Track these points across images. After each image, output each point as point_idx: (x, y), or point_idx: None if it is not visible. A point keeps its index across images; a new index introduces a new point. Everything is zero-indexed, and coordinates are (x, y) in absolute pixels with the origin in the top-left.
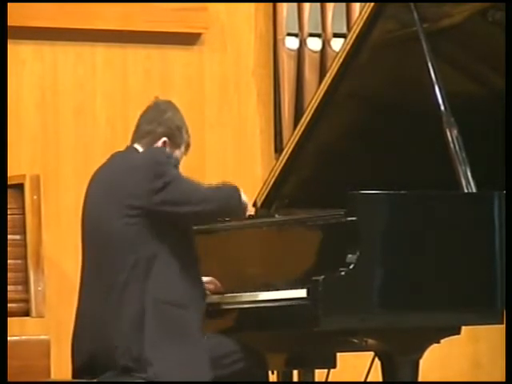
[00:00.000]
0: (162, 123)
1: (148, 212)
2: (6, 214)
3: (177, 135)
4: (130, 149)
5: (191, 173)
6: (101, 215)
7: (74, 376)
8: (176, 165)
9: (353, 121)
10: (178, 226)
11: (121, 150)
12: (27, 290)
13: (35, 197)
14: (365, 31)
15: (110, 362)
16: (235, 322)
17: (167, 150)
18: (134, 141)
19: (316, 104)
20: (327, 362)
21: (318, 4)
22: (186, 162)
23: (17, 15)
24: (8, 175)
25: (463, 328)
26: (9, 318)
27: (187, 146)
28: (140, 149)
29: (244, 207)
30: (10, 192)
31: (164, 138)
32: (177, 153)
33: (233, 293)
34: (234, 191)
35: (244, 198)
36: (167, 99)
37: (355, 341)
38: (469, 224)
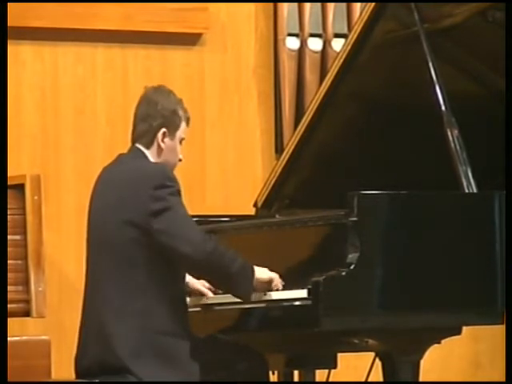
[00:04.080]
0: (156, 116)
1: (144, 232)
2: (7, 215)
3: (174, 119)
4: (135, 151)
5: (192, 173)
6: (103, 224)
7: (77, 376)
8: (178, 190)
9: (353, 121)
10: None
11: (124, 152)
12: (28, 291)
13: (36, 197)
14: (366, 31)
15: (106, 368)
16: (236, 322)
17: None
18: (134, 140)
19: (317, 104)
20: (328, 362)
21: (319, 4)
22: (187, 162)
23: (17, 15)
24: (8, 175)
25: (464, 328)
26: (9, 319)
27: (187, 120)
28: (143, 149)
29: (250, 286)
30: (10, 192)
31: (162, 130)
32: (178, 134)
33: None
34: (246, 263)
35: (261, 277)
36: (157, 86)
37: (356, 341)
38: (469, 224)
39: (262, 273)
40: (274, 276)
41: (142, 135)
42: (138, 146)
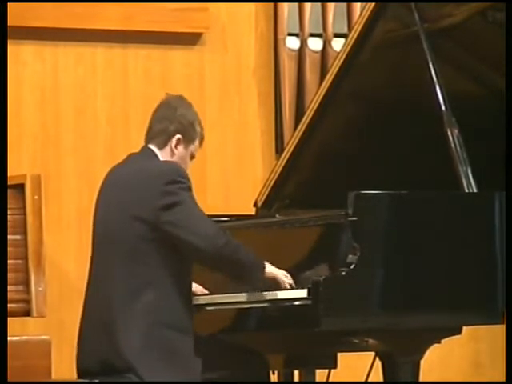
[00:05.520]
0: (173, 121)
1: (153, 227)
2: (7, 214)
3: (190, 131)
4: (146, 151)
5: (192, 173)
6: (110, 220)
7: (78, 376)
8: (190, 186)
9: (353, 121)
10: (178, 250)
11: (125, 153)
12: (28, 290)
13: (36, 197)
14: (366, 31)
15: (108, 364)
16: (236, 322)
17: (186, 155)
18: (147, 141)
19: (317, 104)
20: (328, 362)
21: (319, 4)
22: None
23: (17, 15)
24: (9, 175)
25: (464, 328)
26: (10, 318)
27: (201, 140)
28: (155, 150)
29: (262, 275)
30: (10, 192)
31: (178, 136)
32: (191, 148)
33: (233, 293)
34: (258, 258)
35: (271, 271)
36: (178, 95)
37: (356, 341)
38: (469, 224)
39: (272, 268)
40: (283, 274)
41: (156, 135)
42: (151, 146)
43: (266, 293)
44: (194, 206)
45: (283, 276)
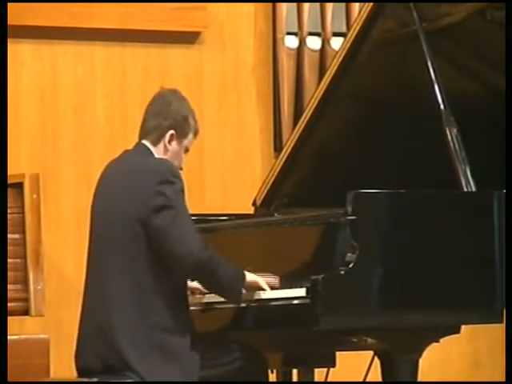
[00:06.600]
0: (168, 116)
1: (146, 227)
2: (6, 213)
3: (184, 125)
4: (140, 147)
5: (191, 172)
6: (107, 219)
7: (77, 372)
8: (182, 188)
9: (352, 120)
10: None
11: (130, 148)
12: (27, 289)
13: (34, 196)
14: (364, 30)
15: (108, 364)
16: (235, 320)
17: (179, 150)
18: (141, 136)
19: (315, 103)
20: (327, 361)
21: (318, 3)
22: (186, 161)
23: (16, 14)
24: (7, 174)
25: (463, 328)
26: (8, 317)
27: (196, 132)
28: (149, 146)
29: (240, 294)
30: (9, 191)
31: (171, 131)
32: (185, 142)
33: None
34: (238, 272)
35: (252, 279)
36: (172, 88)
37: (354, 340)
38: (468, 223)
39: (252, 279)
40: (264, 283)
41: (150, 132)
42: (144, 142)
43: (264, 291)
44: (183, 214)
45: (264, 283)
